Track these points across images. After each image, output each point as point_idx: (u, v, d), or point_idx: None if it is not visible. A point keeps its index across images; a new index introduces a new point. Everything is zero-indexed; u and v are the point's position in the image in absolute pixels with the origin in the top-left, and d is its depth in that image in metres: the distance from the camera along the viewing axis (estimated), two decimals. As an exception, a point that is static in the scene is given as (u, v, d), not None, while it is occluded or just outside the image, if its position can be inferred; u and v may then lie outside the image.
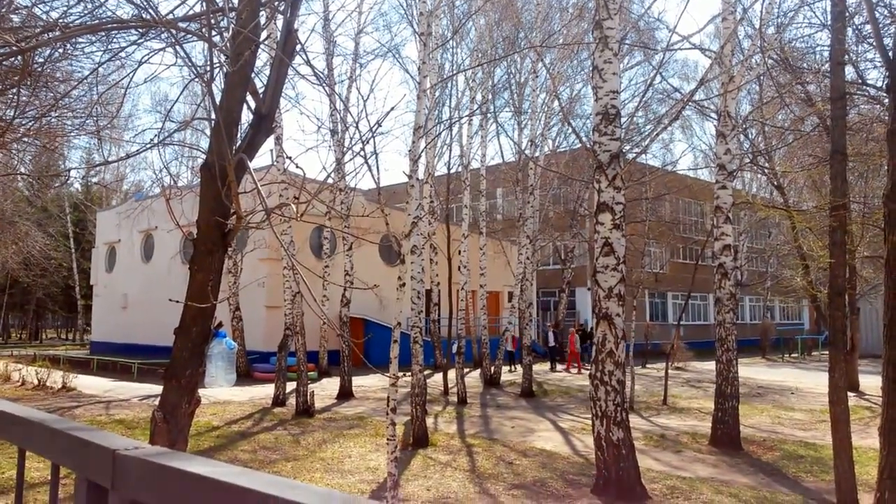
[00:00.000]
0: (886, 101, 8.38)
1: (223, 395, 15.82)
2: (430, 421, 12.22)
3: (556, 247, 31.81)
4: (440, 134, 19.91)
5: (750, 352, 31.66)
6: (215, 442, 10.68)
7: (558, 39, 18.60)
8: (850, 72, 12.05)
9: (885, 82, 3.87)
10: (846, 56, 10.45)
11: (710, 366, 11.63)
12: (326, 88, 11.98)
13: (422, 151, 11.76)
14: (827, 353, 8.04)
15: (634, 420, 12.91)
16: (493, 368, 19.84)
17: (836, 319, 7.62)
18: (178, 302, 4.43)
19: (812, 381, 20.06)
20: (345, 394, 15.98)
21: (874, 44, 6.69)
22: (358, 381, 17.38)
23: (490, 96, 20.08)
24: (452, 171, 21.55)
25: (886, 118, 8.27)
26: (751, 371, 23.25)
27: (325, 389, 17.00)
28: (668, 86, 21.70)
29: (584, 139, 16.52)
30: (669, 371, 16.19)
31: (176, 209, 6.09)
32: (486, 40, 18.59)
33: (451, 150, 27.75)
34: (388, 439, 6.99)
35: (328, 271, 18.31)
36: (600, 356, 8.04)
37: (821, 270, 17.10)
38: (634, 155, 15.24)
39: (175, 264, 24.74)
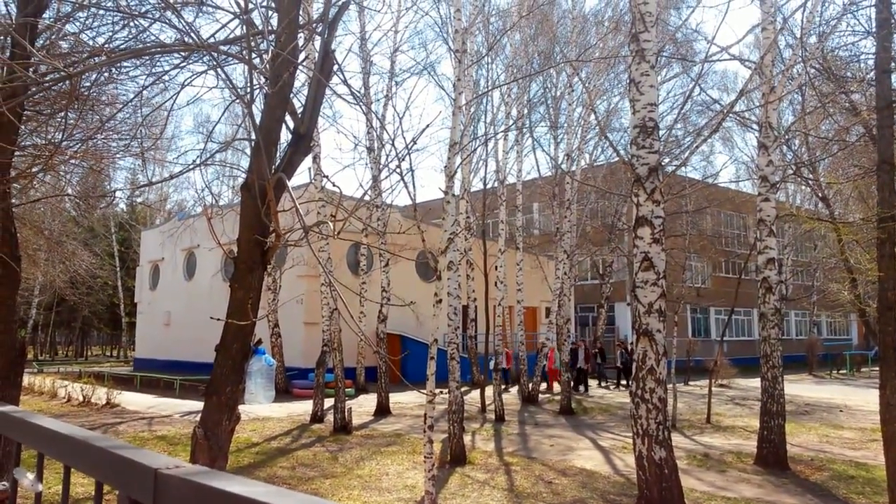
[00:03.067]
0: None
1: (262, 411, 15.99)
2: (467, 438, 12.16)
3: (594, 261, 31.52)
4: (476, 150, 20.00)
5: (796, 368, 30.79)
6: (254, 458, 10.78)
7: (594, 53, 18.55)
8: (896, 80, 11.77)
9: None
10: (892, 63, 10.21)
11: (755, 383, 11.35)
12: (363, 107, 12.18)
13: (457, 167, 11.81)
14: (877, 369, 7.78)
15: (677, 439, 12.64)
16: (531, 385, 19.67)
17: (887, 335, 7.38)
18: (218, 319, 4.49)
19: (861, 398, 19.38)
20: (382, 410, 16.01)
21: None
22: (395, 398, 17.40)
23: (526, 111, 20.08)
24: (488, 186, 21.58)
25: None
26: (797, 388, 22.62)
27: (363, 406, 17.05)
28: (707, 97, 21.40)
29: (621, 153, 16.40)
30: (713, 388, 15.84)
31: (217, 228, 6.21)
32: (521, 56, 18.63)
33: (486, 166, 27.87)
34: (425, 457, 6.97)
35: (365, 287, 18.44)
36: (641, 373, 7.89)
37: (869, 284, 16.59)
38: (674, 168, 15.08)
39: (216, 282, 25.22)
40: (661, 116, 18.77)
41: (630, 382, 23.69)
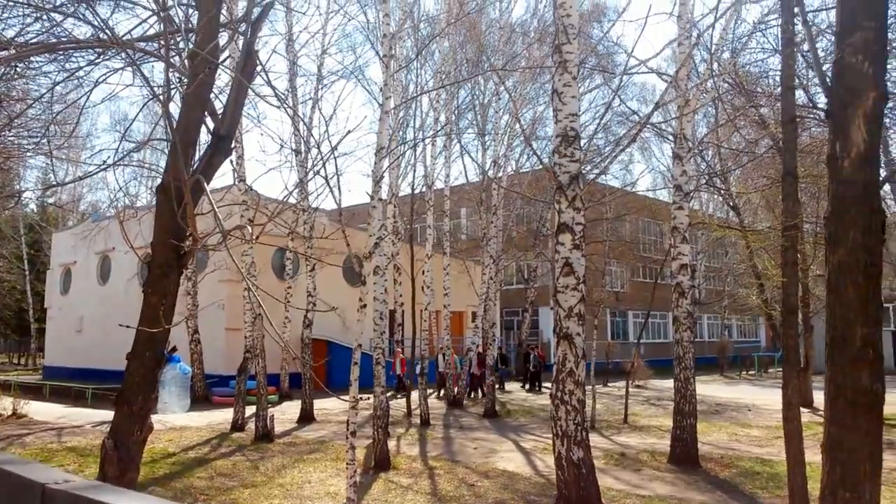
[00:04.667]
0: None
1: (180, 420, 15.45)
2: (392, 444, 12.13)
3: (519, 266, 32.05)
4: (404, 154, 19.97)
5: (708, 369, 32.20)
6: (171, 469, 10.41)
7: (520, 62, 18.89)
8: (801, 96, 12.49)
9: (826, 108, 4.03)
10: (797, 80, 10.84)
11: (670, 384, 11.79)
12: (288, 109, 11.96)
13: (384, 172, 11.79)
14: (782, 370, 8.22)
15: (595, 439, 12.98)
16: (456, 389, 19.79)
17: (789, 337, 7.81)
18: (128, 327, 4.34)
19: (768, 397, 20.45)
20: (306, 417, 15.76)
21: (815, 71, 6.97)
22: (320, 404, 17.16)
23: (454, 117, 20.25)
24: (416, 191, 21.60)
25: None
26: (709, 388, 23.63)
27: (286, 413, 16.74)
28: (626, 108, 22.16)
29: (544, 161, 16.76)
30: (630, 389, 16.38)
31: (133, 230, 5.99)
32: (449, 62, 18.78)
33: (415, 171, 27.77)
34: (347, 464, 6.91)
35: (291, 292, 18.12)
36: (561, 376, 8.08)
37: (775, 289, 17.52)
38: (594, 176, 15.52)
39: (132, 286, 24.20)
40: (583, 126, 19.27)
41: (533, 384, 24.07)
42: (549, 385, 9.41)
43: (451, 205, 23.40)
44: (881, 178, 13.26)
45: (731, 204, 19.47)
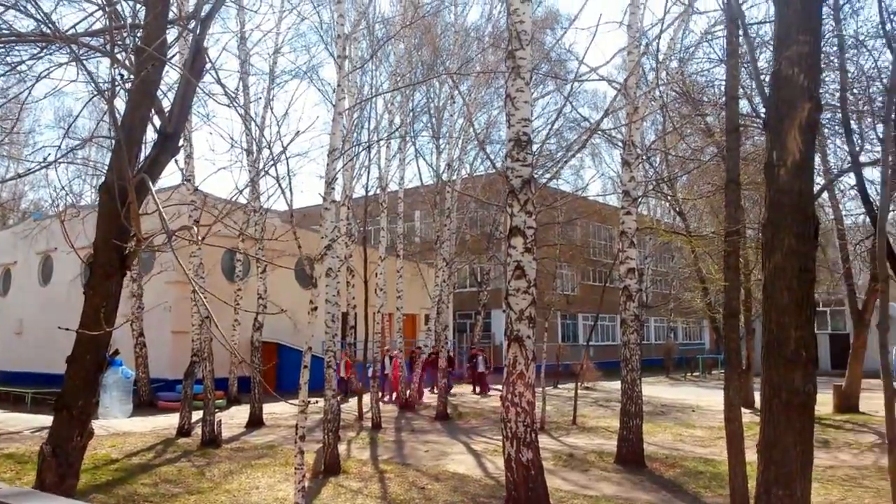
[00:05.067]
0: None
1: (124, 425, 15.03)
2: (342, 448, 12.04)
3: (472, 269, 32.21)
4: (358, 156, 19.88)
5: (654, 371, 32.89)
6: (113, 476, 10.12)
7: (475, 67, 19.01)
8: (745, 105, 12.90)
9: (764, 118, 4.19)
10: (741, 90, 11.18)
11: (618, 385, 12.02)
12: (239, 108, 11.77)
13: (336, 173, 11.71)
14: (724, 372, 8.46)
15: (545, 440, 13.15)
16: (408, 392, 19.76)
17: (731, 340, 8.05)
18: (67, 329, 4.21)
19: (712, 398, 21.00)
20: (255, 422, 15.50)
21: (755, 82, 7.21)
22: (270, 409, 16.91)
23: (409, 120, 20.24)
24: (370, 193, 21.52)
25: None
26: (655, 390, 24.15)
27: (234, 418, 16.44)
28: (578, 115, 22.52)
29: (497, 165, 16.90)
30: (579, 391, 16.62)
31: (76, 230, 5.81)
32: (404, 65, 18.78)
33: (369, 173, 27.65)
34: (296, 468, 6.84)
35: (241, 295, 17.83)
36: (511, 378, 8.15)
37: (718, 293, 18.04)
38: (546, 180, 15.75)
39: (75, 288, 23.39)
40: (535, 131, 19.45)
41: (476, 387, 24.11)
42: (499, 387, 9.50)
43: (406, 207, 23.40)
44: (820, 186, 13.81)
45: (677, 209, 19.97)
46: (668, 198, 20.71)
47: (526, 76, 8.90)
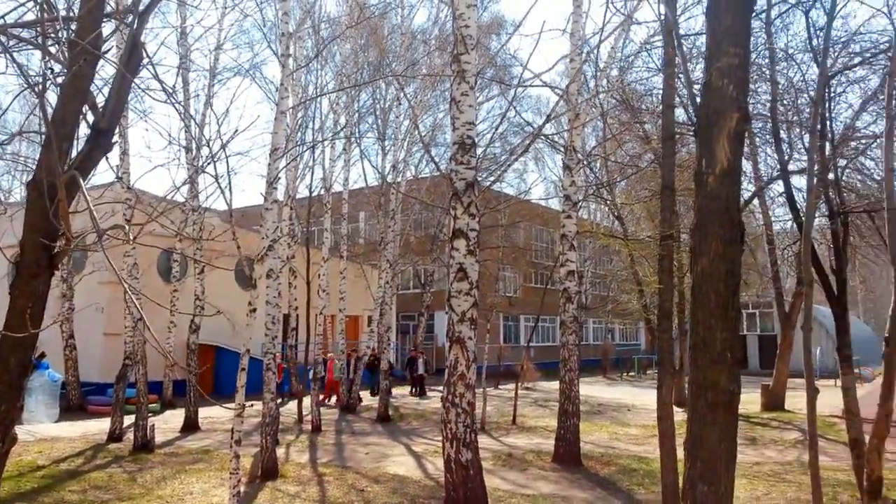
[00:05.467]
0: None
1: (52, 430, 14.45)
2: (281, 451, 11.88)
3: (416, 271, 32.23)
4: (301, 156, 19.67)
5: (592, 371, 33.64)
6: (39, 483, 9.72)
7: (421, 69, 19.05)
8: (682, 114, 13.31)
9: (695, 127, 4.36)
10: (677, 99, 11.54)
11: (557, 385, 12.25)
12: (177, 105, 11.47)
13: (279, 173, 11.54)
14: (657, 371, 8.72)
15: (485, 441, 13.29)
16: (349, 394, 19.63)
17: (664, 341, 8.31)
18: (-10, 331, 4.04)
19: (646, 398, 21.62)
20: (190, 426, 15.12)
21: (688, 92, 7.48)
22: (206, 412, 16.53)
23: (354, 120, 20.13)
24: (314, 193, 21.29)
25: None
26: (592, 389, 24.68)
27: (169, 422, 16.01)
28: (522, 119, 22.82)
29: (441, 167, 16.98)
30: (519, 391, 16.84)
31: (4, 227, 5.57)
32: (350, 65, 18.66)
33: (313, 173, 27.48)
34: (231, 473, 6.72)
35: (177, 296, 17.36)
36: (452, 379, 8.21)
37: (654, 295, 18.55)
38: (490, 183, 15.90)
39: (1, 288, 22.42)
40: (480, 135, 19.62)
41: (419, 388, 24.09)
42: (439, 389, 9.56)
43: (350, 208, 23.21)
44: (751, 193, 14.31)
45: (616, 214, 20.47)
46: (608, 202, 21.19)
47: (471, 80, 8.99)
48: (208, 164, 7.41)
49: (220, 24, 17.15)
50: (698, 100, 4.36)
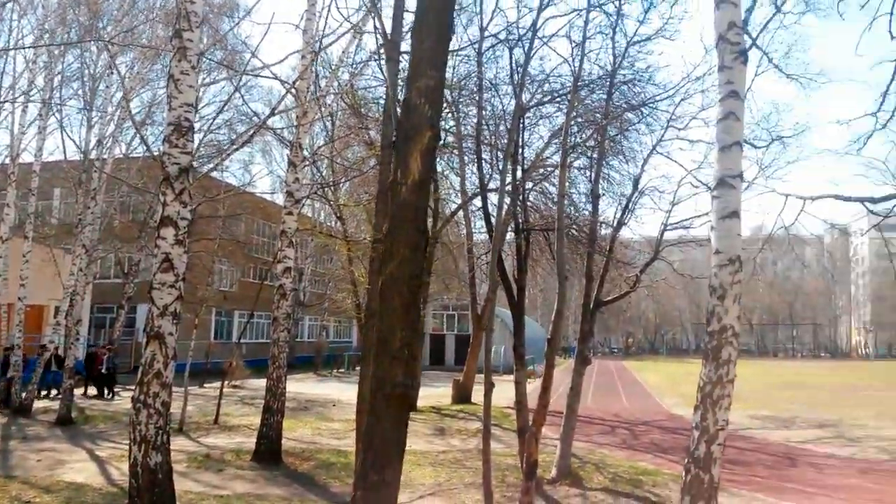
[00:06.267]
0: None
1: None
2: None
3: (119, 259, 29.33)
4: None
5: (305, 368, 33.81)
6: None
7: (140, 39, 17.44)
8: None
9: (394, 141, 4.69)
10: (399, 111, 12.20)
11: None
12: None
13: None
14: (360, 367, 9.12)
15: (183, 442, 12.65)
16: (23, 394, 17.14)
17: (369, 339, 8.69)
18: None
19: (353, 393, 22.14)
20: None
21: (395, 107, 8.02)
22: None
23: (55, 84, 17.71)
24: (-2, 162, 18.25)
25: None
26: (303, 386, 24.85)
27: None
28: (250, 109, 22.11)
29: (152, 148, 15.70)
30: (226, 389, 16.29)
31: None
32: (56, 20, 16.38)
33: (-4, 138, 23.53)
34: None
35: None
36: (146, 378, 7.64)
37: (367, 294, 19.34)
38: (209, 169, 15.15)
39: None
40: (204, 119, 18.60)
41: (103, 388, 22.02)
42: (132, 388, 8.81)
43: (42, 182, 20.34)
44: (458, 205, 15.60)
45: (338, 214, 20.86)
46: (330, 202, 21.53)
47: (193, 59, 8.49)
48: None
49: None
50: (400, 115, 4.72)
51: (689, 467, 5.89)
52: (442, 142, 20.18)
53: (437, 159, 20.95)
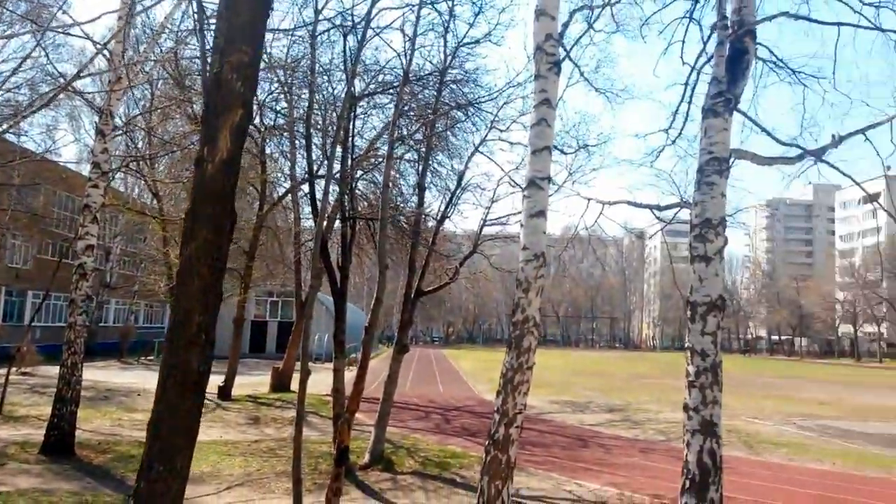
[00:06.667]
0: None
1: None
2: None
3: None
4: None
5: (111, 354, 31.24)
6: None
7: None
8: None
9: (201, 116, 4.48)
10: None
11: (59, 370, 11.06)
12: None
13: None
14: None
15: (-47, 435, 11.25)
16: None
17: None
18: None
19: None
20: None
21: (203, 83, 7.65)
22: None
23: None
24: None
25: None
26: (103, 374, 23.05)
27: None
28: (54, 69, 19.89)
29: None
30: (16, 377, 14.68)
31: None
32: None
33: None
34: None
35: None
36: None
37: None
38: (2, 132, 13.50)
39: None
40: (4, 76, 16.57)
41: None
42: None
43: None
44: (287, 189, 15.27)
45: (154, 191, 19.51)
46: (146, 178, 20.05)
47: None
48: None
49: None
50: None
51: (489, 449, 6.28)
52: (272, 123, 19.59)
53: (267, 141, 20.24)
